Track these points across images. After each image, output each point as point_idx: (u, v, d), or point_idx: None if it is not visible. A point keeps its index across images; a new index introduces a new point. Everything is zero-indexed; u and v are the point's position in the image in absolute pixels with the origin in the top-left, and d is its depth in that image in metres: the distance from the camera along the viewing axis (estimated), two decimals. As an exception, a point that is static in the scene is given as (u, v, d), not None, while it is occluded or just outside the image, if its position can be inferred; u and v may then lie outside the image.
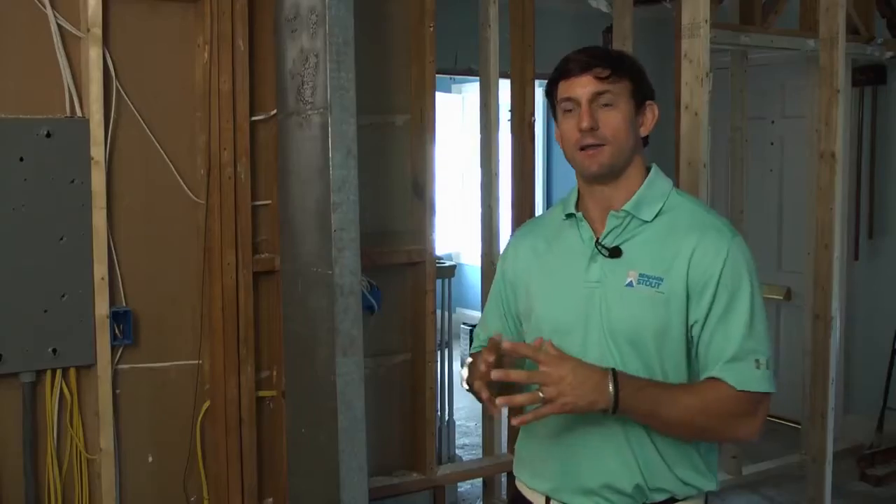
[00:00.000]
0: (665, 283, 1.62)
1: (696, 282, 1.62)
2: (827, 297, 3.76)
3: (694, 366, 1.67)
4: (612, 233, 1.69)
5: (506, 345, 1.58)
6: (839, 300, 3.90)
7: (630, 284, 1.64)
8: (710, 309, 1.62)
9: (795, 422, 4.60)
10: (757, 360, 1.60)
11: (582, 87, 1.66)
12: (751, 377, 1.60)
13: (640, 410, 1.57)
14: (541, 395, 1.52)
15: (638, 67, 1.73)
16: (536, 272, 1.78)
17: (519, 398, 1.57)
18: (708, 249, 1.63)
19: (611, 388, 1.53)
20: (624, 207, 1.69)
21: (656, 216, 1.68)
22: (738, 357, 1.60)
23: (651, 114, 1.73)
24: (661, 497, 1.67)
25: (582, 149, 1.67)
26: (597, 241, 1.69)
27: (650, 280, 1.63)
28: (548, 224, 1.83)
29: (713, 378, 1.61)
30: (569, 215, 1.76)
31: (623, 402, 1.54)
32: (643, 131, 1.73)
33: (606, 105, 1.66)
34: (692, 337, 1.65)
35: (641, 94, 1.71)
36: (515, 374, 1.56)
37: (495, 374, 1.55)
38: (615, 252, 1.67)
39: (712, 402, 1.60)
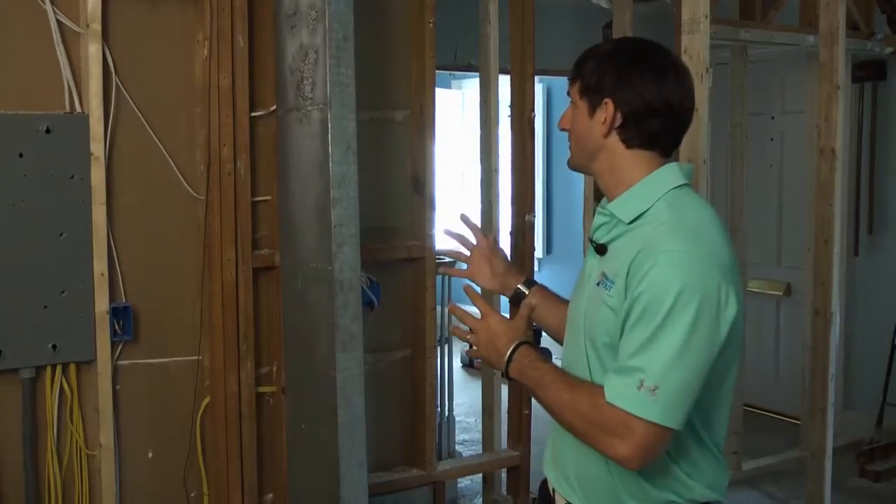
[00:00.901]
0: (614, 287, 1.56)
1: (628, 287, 1.54)
2: (827, 293, 3.76)
3: None
4: (601, 229, 1.67)
5: (465, 286, 1.93)
6: (839, 296, 3.90)
7: (597, 284, 1.62)
8: (626, 317, 1.53)
9: (795, 417, 4.62)
10: (641, 381, 1.48)
11: None
12: (624, 393, 1.50)
13: (526, 386, 1.69)
14: (467, 337, 1.75)
15: (594, 62, 1.65)
16: None
17: (458, 332, 1.82)
18: (644, 257, 1.52)
19: (506, 356, 1.69)
20: (607, 205, 1.66)
21: (636, 219, 1.60)
22: (622, 370, 1.51)
23: (602, 112, 1.62)
24: None
25: None
26: (590, 237, 1.70)
27: (607, 283, 1.58)
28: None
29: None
30: None
31: (511, 372, 1.68)
32: (601, 131, 1.63)
33: (572, 106, 1.71)
34: None
35: (594, 92, 1.63)
36: (459, 311, 1.84)
37: (449, 306, 2.00)
38: (600, 249, 1.65)
39: (584, 404, 1.55)
